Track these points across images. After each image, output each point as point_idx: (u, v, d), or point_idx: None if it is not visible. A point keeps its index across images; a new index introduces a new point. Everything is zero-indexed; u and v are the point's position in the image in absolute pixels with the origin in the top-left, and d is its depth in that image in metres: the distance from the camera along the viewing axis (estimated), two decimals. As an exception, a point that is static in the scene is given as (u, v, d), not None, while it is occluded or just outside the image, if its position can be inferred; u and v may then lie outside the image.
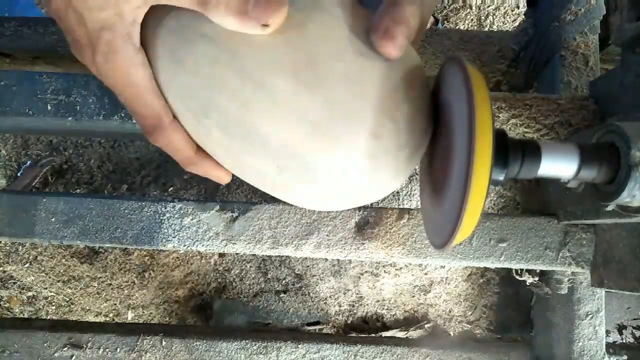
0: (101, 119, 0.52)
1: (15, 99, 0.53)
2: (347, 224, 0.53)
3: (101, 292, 0.89)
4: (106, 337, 0.59)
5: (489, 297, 0.85)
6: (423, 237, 0.52)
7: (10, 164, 0.93)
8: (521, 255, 0.52)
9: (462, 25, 1.03)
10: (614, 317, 0.81)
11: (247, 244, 0.53)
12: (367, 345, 0.60)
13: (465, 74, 0.29)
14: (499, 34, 0.67)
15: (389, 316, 0.86)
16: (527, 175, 0.33)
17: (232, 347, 0.59)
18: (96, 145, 0.92)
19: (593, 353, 0.57)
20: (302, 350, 0.59)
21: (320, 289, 0.85)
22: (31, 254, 0.89)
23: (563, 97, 0.52)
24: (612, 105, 0.48)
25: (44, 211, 0.54)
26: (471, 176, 0.27)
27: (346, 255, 0.53)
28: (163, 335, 0.59)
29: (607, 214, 0.41)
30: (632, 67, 0.44)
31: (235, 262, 0.87)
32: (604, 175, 0.33)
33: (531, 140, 0.33)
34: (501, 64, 0.66)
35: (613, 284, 0.47)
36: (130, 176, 0.91)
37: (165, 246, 0.53)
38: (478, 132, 0.27)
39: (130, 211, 0.54)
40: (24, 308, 0.90)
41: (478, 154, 0.27)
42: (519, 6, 1.02)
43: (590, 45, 0.60)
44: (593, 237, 0.51)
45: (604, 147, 0.33)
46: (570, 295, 0.58)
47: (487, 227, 0.52)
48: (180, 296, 0.89)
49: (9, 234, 0.54)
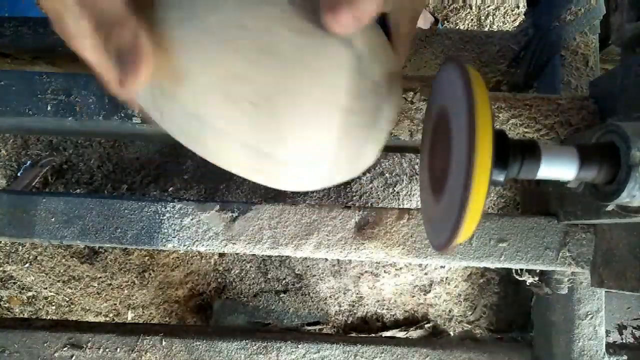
0: (101, 119, 0.52)
1: (15, 99, 0.53)
2: (347, 224, 0.53)
3: (101, 292, 0.89)
4: (106, 337, 0.59)
5: (489, 297, 0.85)
6: (423, 237, 0.52)
7: (10, 164, 0.93)
8: (521, 255, 0.52)
9: (462, 25, 1.03)
10: (614, 317, 0.81)
11: (247, 244, 0.53)
12: (367, 345, 0.60)
13: (464, 75, 0.29)
14: (499, 34, 0.67)
15: (389, 316, 0.86)
16: (527, 176, 0.33)
17: (232, 347, 0.59)
18: (96, 145, 0.92)
19: (593, 353, 0.57)
20: (302, 350, 0.59)
21: (320, 289, 0.85)
22: (31, 254, 0.89)
23: (563, 97, 0.52)
24: (612, 105, 0.48)
25: (44, 211, 0.54)
26: (471, 177, 0.27)
27: (346, 255, 0.53)
28: (163, 335, 0.59)
29: (607, 214, 0.41)
30: (632, 67, 0.44)
31: (235, 262, 0.87)
32: (604, 175, 0.33)
33: (531, 141, 0.33)
34: (501, 64, 0.66)
35: (613, 284, 0.47)
36: (130, 176, 0.91)
37: (165, 246, 0.53)
38: (478, 133, 0.27)
39: (130, 211, 0.54)
40: (24, 308, 0.90)
41: (478, 154, 0.27)
42: (519, 6, 1.02)
43: (590, 45, 0.60)
44: (593, 237, 0.51)
45: (604, 147, 0.33)
46: (570, 295, 0.58)
47: (487, 227, 0.52)
48: (180, 296, 0.89)
49: (9, 234, 0.54)
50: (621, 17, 0.42)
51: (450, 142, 0.32)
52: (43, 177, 0.91)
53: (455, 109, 0.31)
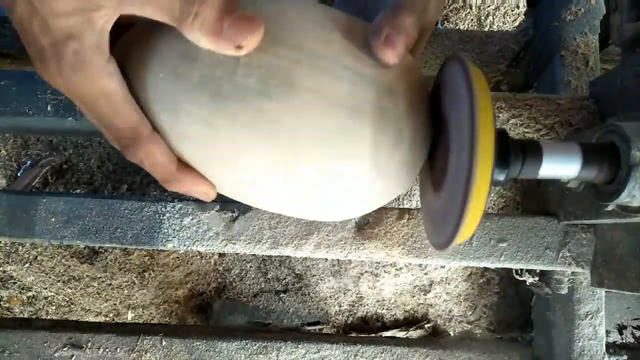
0: (101, 119, 0.52)
1: (15, 99, 0.52)
2: (347, 224, 0.53)
3: (101, 292, 0.89)
4: (106, 337, 0.59)
5: (489, 297, 0.85)
6: (423, 237, 0.52)
7: (10, 164, 0.93)
8: (521, 255, 0.52)
9: (462, 25, 1.03)
10: (614, 317, 0.81)
11: (247, 244, 0.53)
12: (367, 345, 0.60)
13: (466, 73, 0.29)
14: (499, 34, 0.67)
15: (389, 316, 0.86)
16: (528, 176, 0.33)
17: (232, 347, 0.59)
18: (96, 145, 0.92)
19: (593, 353, 0.57)
20: (302, 350, 0.59)
21: (320, 289, 0.85)
22: (31, 254, 0.89)
23: (563, 97, 0.52)
24: (612, 105, 0.48)
25: (44, 211, 0.54)
26: (473, 176, 0.27)
27: (346, 255, 0.53)
28: (163, 335, 0.59)
29: (607, 214, 0.41)
30: (632, 67, 0.44)
31: (235, 262, 0.87)
32: (604, 175, 0.33)
33: (532, 140, 0.33)
34: (501, 64, 0.66)
35: (613, 284, 0.47)
36: (130, 176, 0.91)
37: (165, 246, 0.53)
38: (480, 132, 0.27)
39: (130, 211, 0.54)
40: (24, 308, 0.90)
41: (480, 154, 0.27)
42: (519, 6, 1.02)
43: (590, 45, 0.60)
44: (593, 237, 0.51)
45: (604, 147, 0.33)
46: (570, 295, 0.58)
47: (487, 227, 0.52)
48: (180, 296, 0.89)
49: (9, 234, 0.54)
50: (621, 17, 0.42)
51: (451, 141, 0.32)
52: (43, 177, 0.91)
53: (456, 107, 0.31)
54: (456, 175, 0.30)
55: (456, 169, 0.30)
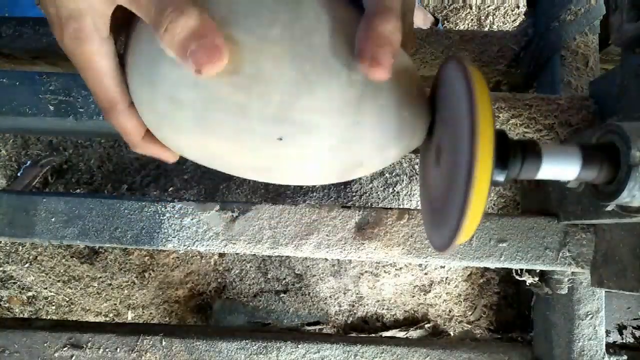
0: (101, 119, 0.52)
1: (15, 99, 0.53)
2: (347, 224, 0.53)
3: (101, 292, 0.89)
4: (106, 337, 0.59)
5: (489, 297, 0.85)
6: (423, 237, 0.52)
7: (10, 164, 0.93)
8: (521, 255, 0.52)
9: (462, 25, 1.04)
10: (614, 317, 0.81)
11: (247, 244, 0.53)
12: (367, 345, 0.60)
13: (466, 74, 0.29)
14: (499, 34, 0.67)
15: (389, 316, 0.86)
16: (527, 176, 0.33)
17: (232, 347, 0.59)
18: (96, 145, 0.92)
19: (593, 353, 0.57)
20: (302, 350, 0.59)
21: (320, 289, 0.85)
22: (31, 254, 0.89)
23: (563, 97, 0.52)
24: (612, 105, 0.48)
25: (44, 211, 0.54)
26: (472, 177, 0.27)
27: (346, 255, 0.53)
28: (163, 335, 0.59)
29: (607, 214, 0.41)
30: (632, 67, 0.44)
31: (235, 262, 0.87)
32: (604, 175, 0.33)
33: (532, 141, 0.33)
34: (501, 64, 0.66)
35: (613, 284, 0.47)
36: (130, 176, 0.91)
37: (165, 246, 0.53)
38: (479, 132, 0.27)
39: (130, 211, 0.54)
40: (24, 308, 0.90)
41: (479, 155, 0.27)
42: (519, 6, 1.02)
43: (590, 45, 0.60)
44: (593, 237, 0.51)
45: (604, 147, 0.33)
46: (570, 295, 0.58)
47: (487, 227, 0.52)
48: (180, 296, 0.89)
49: (9, 234, 0.54)
50: (621, 17, 0.42)
51: (450, 140, 0.32)
52: (43, 177, 0.91)
53: (455, 107, 0.31)
54: (456, 175, 0.30)
55: (456, 169, 0.30)
